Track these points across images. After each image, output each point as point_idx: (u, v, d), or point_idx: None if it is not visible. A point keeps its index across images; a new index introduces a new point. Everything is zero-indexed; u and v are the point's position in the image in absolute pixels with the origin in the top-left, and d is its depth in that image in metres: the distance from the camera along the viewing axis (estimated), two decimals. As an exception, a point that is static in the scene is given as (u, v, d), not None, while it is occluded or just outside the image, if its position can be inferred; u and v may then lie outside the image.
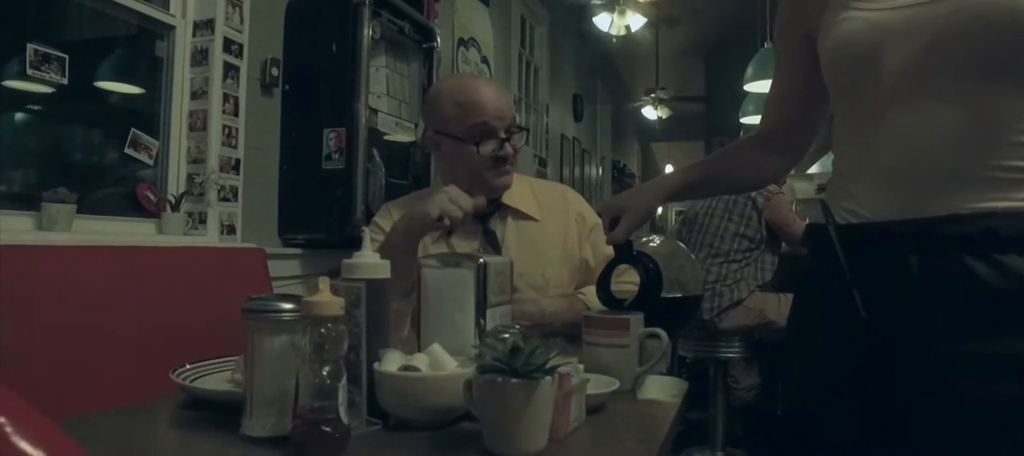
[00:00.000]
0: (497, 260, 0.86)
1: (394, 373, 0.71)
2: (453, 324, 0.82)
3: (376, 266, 0.76)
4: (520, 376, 0.61)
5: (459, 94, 1.28)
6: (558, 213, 1.37)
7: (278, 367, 0.67)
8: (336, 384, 0.64)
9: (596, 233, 1.36)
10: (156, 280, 1.87)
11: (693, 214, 2.88)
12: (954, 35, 0.69)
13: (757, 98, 4.69)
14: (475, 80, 1.32)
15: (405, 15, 2.69)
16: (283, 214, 2.53)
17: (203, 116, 2.19)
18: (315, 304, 0.64)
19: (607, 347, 0.90)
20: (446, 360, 0.72)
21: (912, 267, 0.70)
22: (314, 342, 0.64)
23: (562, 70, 6.08)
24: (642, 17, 4.76)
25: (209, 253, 2.13)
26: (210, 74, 2.17)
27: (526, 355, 0.62)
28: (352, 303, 0.72)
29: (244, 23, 2.27)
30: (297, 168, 2.50)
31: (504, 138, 1.27)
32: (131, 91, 2.21)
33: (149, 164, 2.12)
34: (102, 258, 1.78)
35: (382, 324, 0.76)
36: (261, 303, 0.70)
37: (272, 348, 0.68)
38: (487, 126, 1.26)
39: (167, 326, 1.65)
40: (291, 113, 2.49)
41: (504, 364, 0.62)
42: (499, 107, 1.27)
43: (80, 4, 1.93)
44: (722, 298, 2.67)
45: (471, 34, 4.09)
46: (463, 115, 1.26)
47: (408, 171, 2.80)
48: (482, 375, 0.63)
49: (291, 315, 0.68)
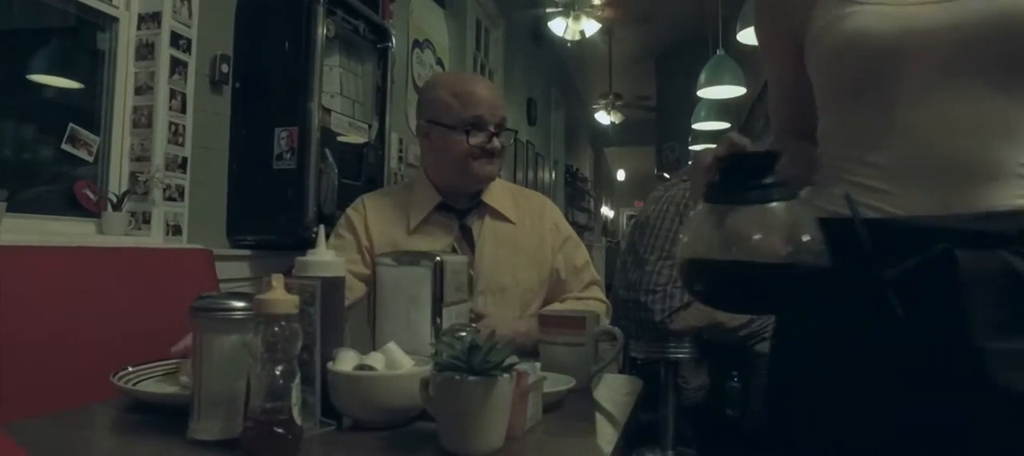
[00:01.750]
0: (454, 259, 0.86)
1: (349, 373, 0.69)
2: (409, 323, 0.81)
3: (330, 264, 0.75)
4: (478, 373, 0.61)
5: (456, 86, 1.34)
6: (535, 220, 1.41)
7: (228, 368, 0.66)
8: (289, 384, 0.63)
9: (569, 245, 1.41)
10: (96, 282, 1.79)
11: (645, 217, 2.92)
12: (985, 35, 0.69)
13: (710, 104, 4.81)
14: (472, 76, 1.43)
15: (360, 14, 2.66)
16: (232, 215, 2.46)
17: (148, 112, 2.11)
18: (268, 302, 0.62)
19: (563, 346, 0.91)
20: (402, 359, 0.72)
21: (958, 262, 0.68)
22: (267, 341, 0.62)
23: (517, 74, 6.10)
24: (597, 22, 4.82)
25: (153, 254, 2.06)
26: (156, 69, 2.10)
27: (484, 353, 0.62)
28: (306, 301, 0.71)
29: (193, 17, 2.21)
30: (247, 168, 2.43)
31: (494, 132, 1.32)
32: (70, 85, 2.12)
33: (89, 161, 2.04)
34: (35, 258, 1.70)
35: (337, 323, 0.75)
36: (210, 302, 0.68)
37: (222, 348, 0.66)
38: (480, 119, 1.31)
39: (108, 329, 1.59)
40: (242, 111, 2.43)
41: (462, 362, 0.62)
42: (493, 103, 1.33)
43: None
44: (673, 299, 2.71)
45: (426, 35, 4.07)
46: (458, 106, 1.31)
47: (361, 172, 2.76)
48: (440, 373, 0.63)
49: (242, 313, 0.66)
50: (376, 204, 1.41)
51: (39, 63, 2.05)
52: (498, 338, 1.10)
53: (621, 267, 3.02)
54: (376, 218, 1.37)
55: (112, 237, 2.04)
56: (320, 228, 0.79)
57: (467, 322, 0.86)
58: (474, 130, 1.31)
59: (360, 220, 1.38)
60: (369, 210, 1.39)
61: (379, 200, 1.43)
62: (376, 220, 1.37)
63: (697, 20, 4.92)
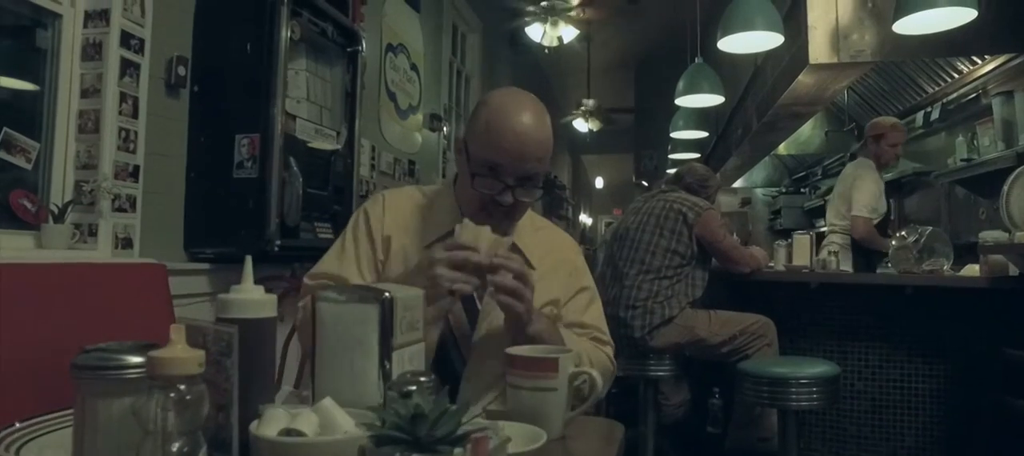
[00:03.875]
0: (407, 293, 0.75)
1: (272, 439, 0.58)
2: (353, 369, 0.70)
3: (255, 303, 0.63)
4: (423, 450, 0.50)
5: (494, 115, 1.12)
6: (555, 264, 1.24)
7: (117, 438, 0.53)
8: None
9: (583, 297, 1.25)
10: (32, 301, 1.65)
11: (624, 229, 2.83)
12: None
13: (688, 113, 4.74)
14: (519, 110, 1.12)
15: (328, 16, 2.54)
16: (189, 226, 2.32)
17: (95, 117, 1.97)
18: (164, 361, 0.50)
19: (532, 390, 0.80)
20: (338, 420, 0.60)
21: None
22: (163, 409, 0.50)
23: (495, 80, 6.00)
24: (574, 29, 4.73)
25: (99, 269, 1.91)
26: (104, 70, 1.96)
27: (431, 422, 0.50)
28: (222, 351, 0.59)
29: (146, 16, 2.07)
30: (206, 176, 2.30)
31: (509, 185, 1.10)
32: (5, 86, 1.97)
33: (27, 168, 1.88)
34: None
35: (262, 375, 0.63)
36: (98, 357, 0.56)
37: (109, 415, 0.54)
38: (493, 165, 1.10)
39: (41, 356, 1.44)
40: (200, 117, 2.29)
41: (404, 433, 0.50)
42: (519, 153, 1.09)
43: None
44: (653, 315, 2.62)
45: (400, 40, 3.95)
46: (482, 142, 1.11)
47: (329, 181, 2.64)
48: (377, 447, 0.51)
49: (137, 372, 0.54)
50: (398, 204, 1.24)
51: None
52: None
53: (599, 281, 2.92)
54: (396, 221, 1.20)
55: (53, 251, 1.89)
56: (247, 259, 0.67)
57: (422, 367, 0.74)
58: (483, 177, 1.10)
59: (378, 219, 1.21)
60: (389, 210, 1.22)
61: (402, 201, 1.23)
62: (395, 223, 1.20)
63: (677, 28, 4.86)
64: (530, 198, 1.14)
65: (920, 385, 2.74)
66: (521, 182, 1.11)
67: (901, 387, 2.76)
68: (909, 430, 2.74)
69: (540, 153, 1.12)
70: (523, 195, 1.12)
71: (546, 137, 1.14)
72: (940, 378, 2.71)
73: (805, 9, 3.17)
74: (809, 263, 3.09)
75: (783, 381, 2.23)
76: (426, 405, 0.52)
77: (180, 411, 0.51)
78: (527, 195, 1.13)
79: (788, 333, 2.80)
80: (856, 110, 5.27)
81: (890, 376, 2.78)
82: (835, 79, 3.62)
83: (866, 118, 5.05)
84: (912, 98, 4.55)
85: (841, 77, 3.59)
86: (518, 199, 1.12)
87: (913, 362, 2.75)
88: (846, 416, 2.83)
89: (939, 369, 2.71)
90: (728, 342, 2.63)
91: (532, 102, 1.17)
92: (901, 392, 2.76)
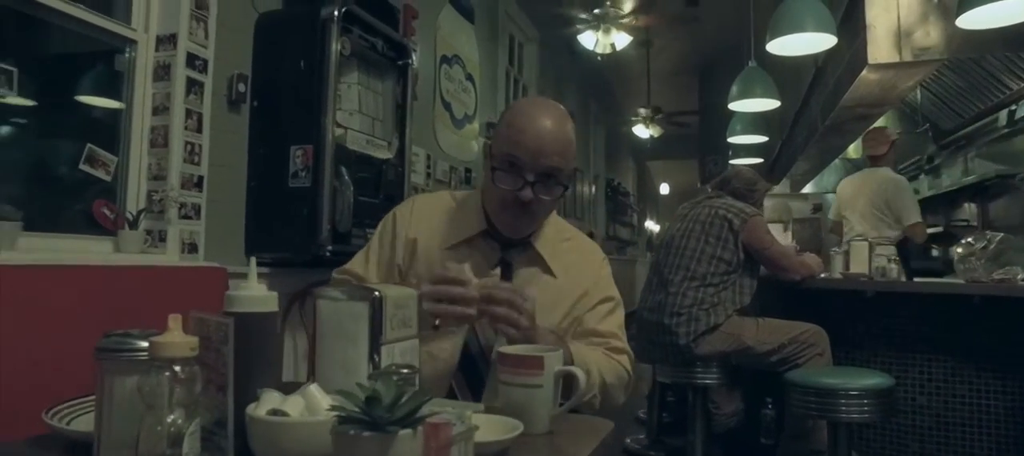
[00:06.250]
0: (399, 292, 0.81)
1: (259, 417, 0.65)
2: (345, 361, 0.77)
3: (254, 299, 0.71)
4: (376, 428, 0.55)
5: (515, 116, 1.18)
6: (579, 273, 1.26)
7: (131, 410, 0.62)
8: (184, 430, 0.59)
9: (603, 308, 1.25)
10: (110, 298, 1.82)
11: (669, 236, 2.82)
12: None
13: (745, 117, 4.65)
14: (538, 112, 1.17)
15: (378, 32, 2.66)
16: (250, 232, 2.48)
17: (165, 132, 2.15)
18: (161, 345, 0.59)
19: (519, 387, 0.84)
20: (321, 403, 0.67)
21: None
22: (161, 386, 0.59)
23: (553, 88, 6.05)
24: (627, 36, 4.73)
25: (167, 272, 2.08)
26: (172, 89, 2.14)
27: (386, 405, 0.56)
28: (221, 340, 0.67)
29: (209, 38, 2.24)
30: (264, 186, 2.45)
31: (530, 181, 1.13)
32: (91, 105, 2.18)
33: (107, 180, 2.08)
34: (50, 277, 1.73)
35: (258, 362, 0.70)
36: (115, 341, 0.65)
37: (122, 390, 0.63)
38: (514, 159, 1.13)
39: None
40: (259, 129, 2.46)
41: (363, 414, 0.56)
42: (536, 149, 1.12)
43: (36, 17, 1.89)
44: (698, 323, 2.60)
45: (455, 51, 4.06)
46: (504, 139, 1.16)
47: (380, 189, 2.76)
48: (338, 426, 0.57)
49: (143, 354, 0.63)
50: (427, 207, 1.30)
51: (61, 84, 2.11)
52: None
53: (646, 288, 2.92)
54: (421, 223, 1.26)
55: (128, 255, 2.07)
56: (251, 260, 0.76)
57: (411, 361, 0.80)
58: (504, 172, 1.14)
59: (405, 221, 1.27)
60: (416, 212, 1.28)
61: (432, 204, 1.31)
62: (421, 225, 1.26)
63: (736, 31, 4.78)
64: (550, 196, 1.17)
65: (992, 402, 2.59)
66: (541, 179, 1.14)
67: (970, 404, 2.61)
68: (980, 449, 2.59)
69: (558, 149, 1.15)
70: (543, 192, 1.15)
71: (565, 135, 1.18)
72: (1015, 395, 2.54)
73: (863, 8, 3.07)
74: (867, 271, 2.99)
75: (832, 392, 2.17)
76: (386, 392, 0.58)
77: (175, 388, 0.59)
78: (547, 192, 1.16)
79: (843, 343, 2.70)
80: (931, 110, 5.00)
81: (957, 391, 2.64)
82: (900, 79, 3.48)
83: (942, 118, 4.79)
84: (993, 96, 4.29)
85: (906, 77, 3.45)
86: (538, 196, 1.14)
87: (983, 377, 2.60)
88: (908, 432, 2.70)
89: (1014, 385, 2.55)
90: (777, 351, 2.57)
91: (552, 105, 1.21)
92: (970, 409, 2.61)
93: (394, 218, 1.31)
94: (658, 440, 3.53)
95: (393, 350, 0.79)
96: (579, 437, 0.85)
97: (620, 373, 1.22)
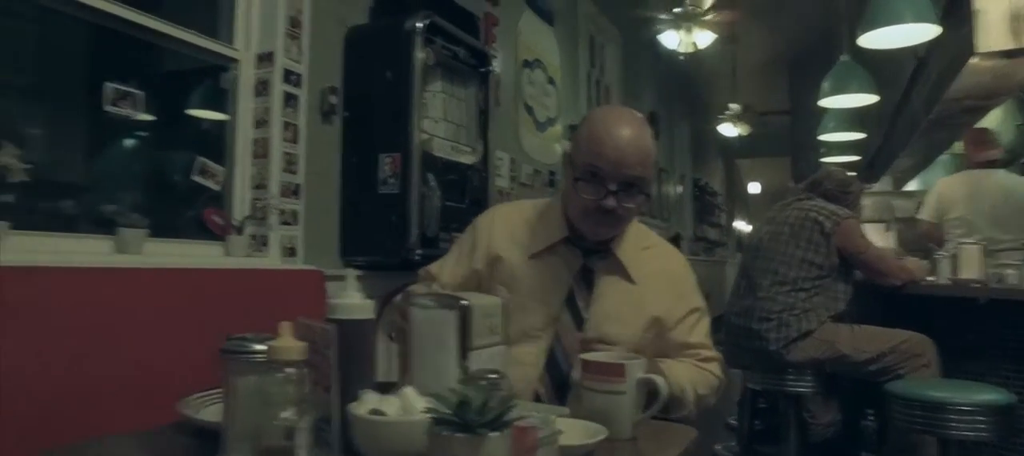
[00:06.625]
0: (486, 301, 0.85)
1: (359, 415, 0.70)
2: (436, 366, 0.81)
3: (353, 307, 0.77)
4: (467, 430, 0.59)
5: (594, 126, 1.21)
6: (662, 284, 1.27)
7: (251, 405, 0.69)
8: (297, 425, 0.65)
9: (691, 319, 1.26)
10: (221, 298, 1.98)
11: (757, 239, 2.74)
12: None
13: (839, 114, 4.44)
14: (617, 121, 1.20)
15: (460, 41, 2.73)
16: (345, 237, 2.61)
17: (265, 144, 2.30)
18: (275, 349, 0.65)
19: (602, 394, 0.86)
20: (416, 404, 0.72)
21: None
22: (277, 385, 0.65)
23: (636, 88, 5.98)
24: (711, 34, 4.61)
25: (269, 274, 2.23)
26: (271, 104, 2.28)
27: (475, 408, 0.60)
28: (325, 344, 0.73)
29: (303, 54, 2.37)
30: (356, 192, 2.58)
31: (612, 190, 1.16)
32: (200, 119, 2.36)
33: (216, 190, 2.25)
34: (171, 280, 1.90)
35: (360, 364, 0.76)
36: (236, 344, 0.72)
37: (244, 387, 0.69)
38: (595, 170, 1.16)
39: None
40: (351, 139, 2.58)
41: (455, 417, 0.60)
42: (617, 160, 1.15)
43: (153, 43, 2.08)
44: (789, 328, 2.51)
45: (536, 55, 4.10)
46: (584, 150, 1.19)
47: (465, 195, 2.83)
48: (433, 427, 0.62)
49: (261, 357, 0.69)
50: (508, 218, 1.34)
51: (176, 103, 2.30)
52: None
53: (734, 291, 2.85)
54: (502, 233, 1.30)
55: (235, 259, 2.23)
56: (347, 273, 0.81)
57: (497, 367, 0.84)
58: (586, 182, 1.17)
59: (485, 231, 1.32)
60: (497, 223, 1.33)
61: (512, 214, 1.35)
62: (502, 235, 1.30)
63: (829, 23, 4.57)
64: (633, 205, 1.20)
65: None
66: (623, 188, 1.17)
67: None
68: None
69: (639, 159, 1.18)
70: (625, 200, 1.18)
71: (646, 145, 1.20)
72: None
73: (971, -7, 2.88)
74: (981, 276, 2.78)
75: (940, 406, 2.03)
76: (476, 396, 0.62)
77: (289, 387, 0.65)
78: (629, 200, 1.19)
79: (951, 354, 2.53)
80: (1052, 100, 4.60)
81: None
82: (1017, 67, 3.24)
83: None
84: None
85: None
86: (621, 204, 1.17)
87: None
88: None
89: None
90: (875, 360, 2.45)
91: (632, 115, 1.24)
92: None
93: (474, 228, 1.36)
94: (750, 448, 3.44)
95: (482, 356, 0.82)
96: (662, 443, 0.86)
97: (711, 382, 1.24)
